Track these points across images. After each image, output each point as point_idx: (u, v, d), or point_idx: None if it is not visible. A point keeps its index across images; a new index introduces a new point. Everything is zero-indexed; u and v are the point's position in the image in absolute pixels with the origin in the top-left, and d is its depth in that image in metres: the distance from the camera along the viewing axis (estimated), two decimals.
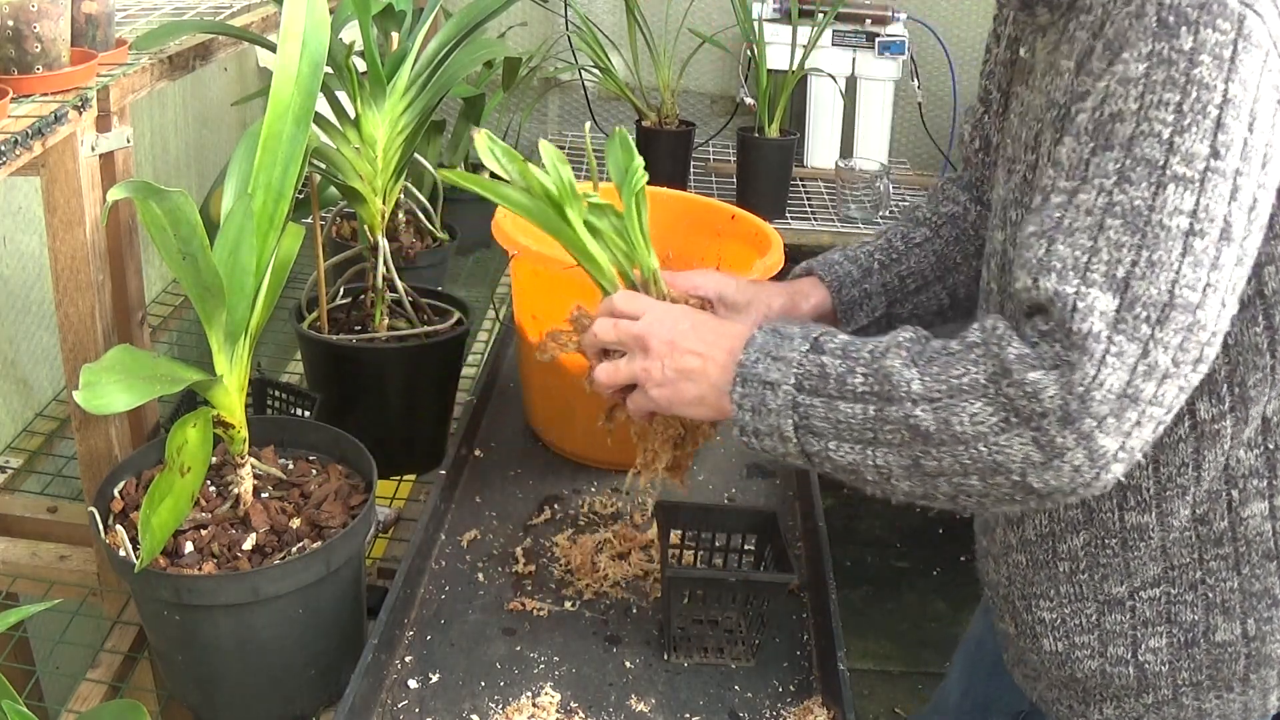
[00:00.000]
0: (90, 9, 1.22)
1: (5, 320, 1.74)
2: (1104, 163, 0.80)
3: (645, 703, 1.06)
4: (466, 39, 1.48)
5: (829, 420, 0.88)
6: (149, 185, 0.94)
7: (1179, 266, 0.77)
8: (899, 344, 0.88)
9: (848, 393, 0.87)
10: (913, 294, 1.20)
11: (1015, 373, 0.80)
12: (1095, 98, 0.82)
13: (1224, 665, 0.99)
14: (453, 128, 2.34)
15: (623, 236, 1.06)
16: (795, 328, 0.94)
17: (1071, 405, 0.78)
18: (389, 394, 1.50)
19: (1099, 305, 0.78)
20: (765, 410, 0.91)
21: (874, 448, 0.87)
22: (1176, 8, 0.78)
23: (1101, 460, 0.79)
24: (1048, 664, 1.05)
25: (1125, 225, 0.78)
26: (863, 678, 2.56)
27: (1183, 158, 0.78)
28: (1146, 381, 0.78)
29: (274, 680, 1.12)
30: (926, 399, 0.83)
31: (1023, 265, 0.83)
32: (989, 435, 0.81)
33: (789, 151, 2.48)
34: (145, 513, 0.99)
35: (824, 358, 0.89)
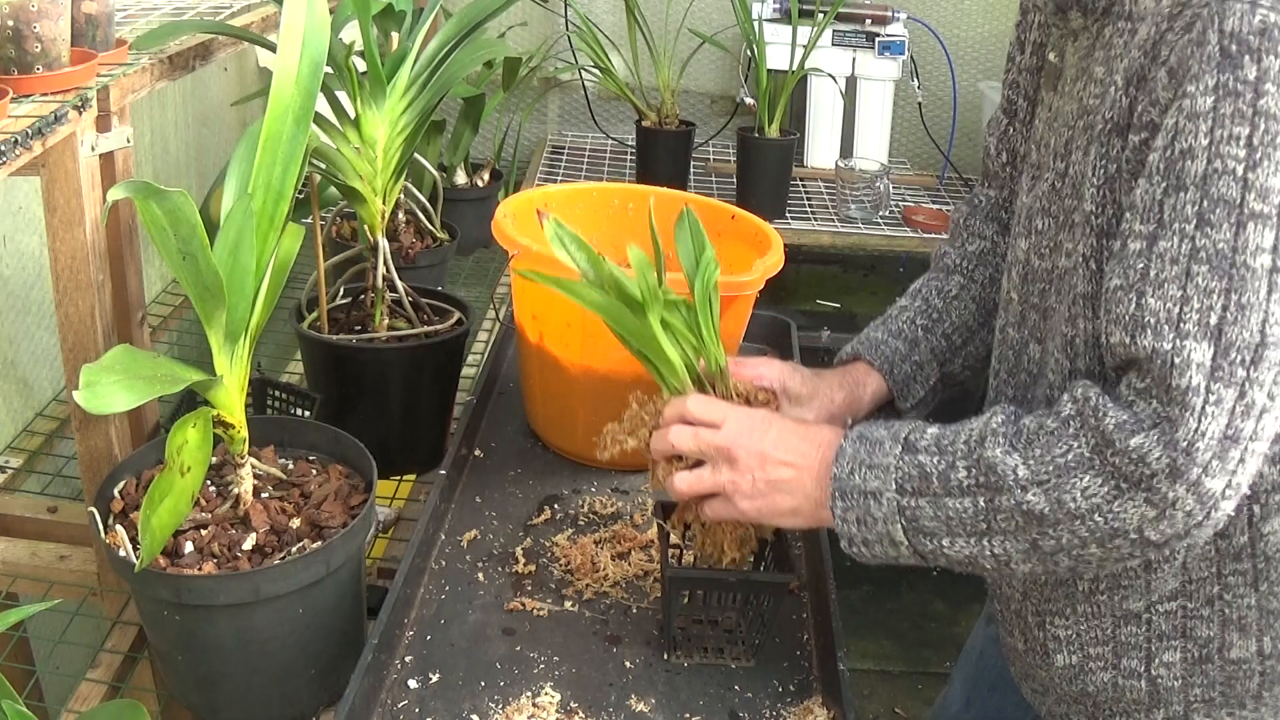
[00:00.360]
0: (90, 9, 1.22)
1: (5, 320, 1.74)
2: (1180, 205, 0.80)
3: (645, 703, 1.06)
4: (466, 39, 1.48)
5: (938, 519, 0.90)
6: (149, 185, 0.94)
7: (1268, 305, 0.78)
8: (994, 431, 0.89)
9: (953, 489, 0.89)
10: (960, 348, 1.20)
11: (1118, 441, 0.82)
12: (1165, 135, 0.82)
13: (1237, 682, 0.98)
14: (453, 128, 2.34)
15: (693, 331, 1.05)
16: (882, 430, 0.95)
17: (1179, 460, 0.80)
18: (389, 394, 1.50)
19: (1195, 357, 0.79)
20: (871, 520, 0.92)
21: (989, 537, 0.88)
22: (1238, 35, 0.78)
23: (1210, 501, 0.81)
24: (1058, 679, 1.04)
25: (1212, 270, 0.79)
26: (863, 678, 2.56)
27: (1258, 194, 0.78)
28: (1245, 420, 0.79)
29: (274, 680, 1.12)
30: (1035, 482, 0.85)
31: (1115, 321, 0.83)
32: (1104, 505, 0.83)
33: (789, 151, 2.48)
34: (145, 513, 0.99)
35: (920, 457, 0.91)
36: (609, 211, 1.58)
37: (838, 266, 2.87)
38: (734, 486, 0.99)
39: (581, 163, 2.84)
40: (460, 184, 2.37)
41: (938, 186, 2.79)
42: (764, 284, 1.33)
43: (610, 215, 1.58)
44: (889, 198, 2.53)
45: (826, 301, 2.72)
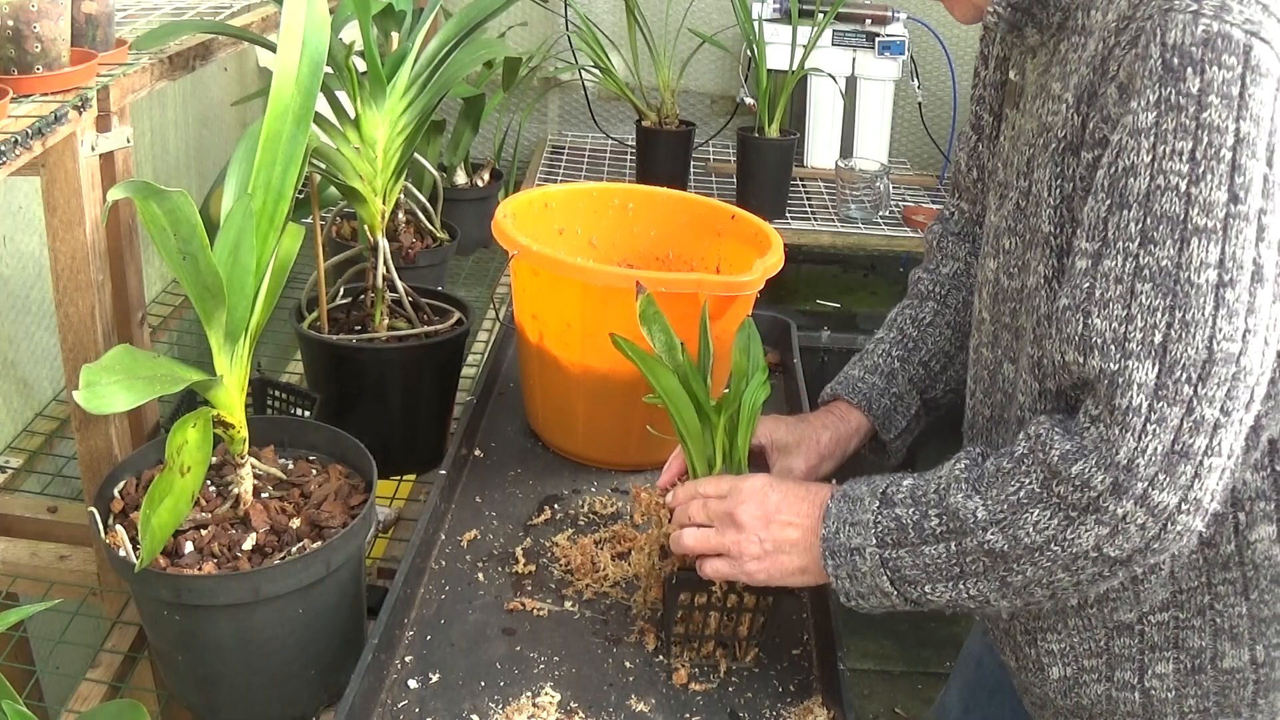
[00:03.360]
0: (90, 9, 1.22)
1: (5, 320, 1.74)
2: (1124, 223, 0.80)
3: (645, 703, 1.06)
4: (466, 39, 1.48)
5: (918, 567, 0.92)
6: (149, 185, 0.94)
7: (1214, 321, 0.78)
8: (956, 477, 0.91)
9: (928, 537, 0.91)
10: (940, 374, 1.22)
11: (1063, 471, 0.83)
12: (1110, 152, 0.82)
13: (1231, 692, 0.97)
14: (453, 128, 2.34)
15: (729, 436, 1.10)
16: (863, 487, 0.97)
17: (1121, 478, 0.80)
18: (389, 394, 1.50)
19: (1138, 377, 0.79)
20: (860, 575, 0.95)
21: (963, 580, 0.91)
22: (1180, 48, 0.77)
23: (1165, 515, 0.81)
24: (1053, 693, 1.04)
25: (1155, 289, 0.79)
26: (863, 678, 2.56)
27: (1202, 208, 0.77)
28: (1196, 436, 0.79)
29: (274, 680, 1.12)
30: (994, 522, 0.87)
31: (1066, 341, 0.84)
32: (1057, 535, 0.84)
33: (789, 151, 2.48)
34: (145, 513, 0.99)
35: (897, 510, 0.93)
36: (609, 211, 1.58)
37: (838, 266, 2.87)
38: (739, 548, 1.02)
39: (581, 163, 2.84)
40: (460, 184, 2.37)
41: (938, 186, 2.79)
42: (764, 284, 1.33)
43: (610, 215, 1.58)
44: (889, 198, 2.52)
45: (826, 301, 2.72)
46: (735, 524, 1.02)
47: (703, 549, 1.04)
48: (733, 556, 1.02)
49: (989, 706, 1.31)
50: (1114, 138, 0.82)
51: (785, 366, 1.72)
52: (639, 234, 1.58)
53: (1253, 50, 0.76)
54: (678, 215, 1.57)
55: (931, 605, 0.94)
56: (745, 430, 1.10)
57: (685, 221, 1.56)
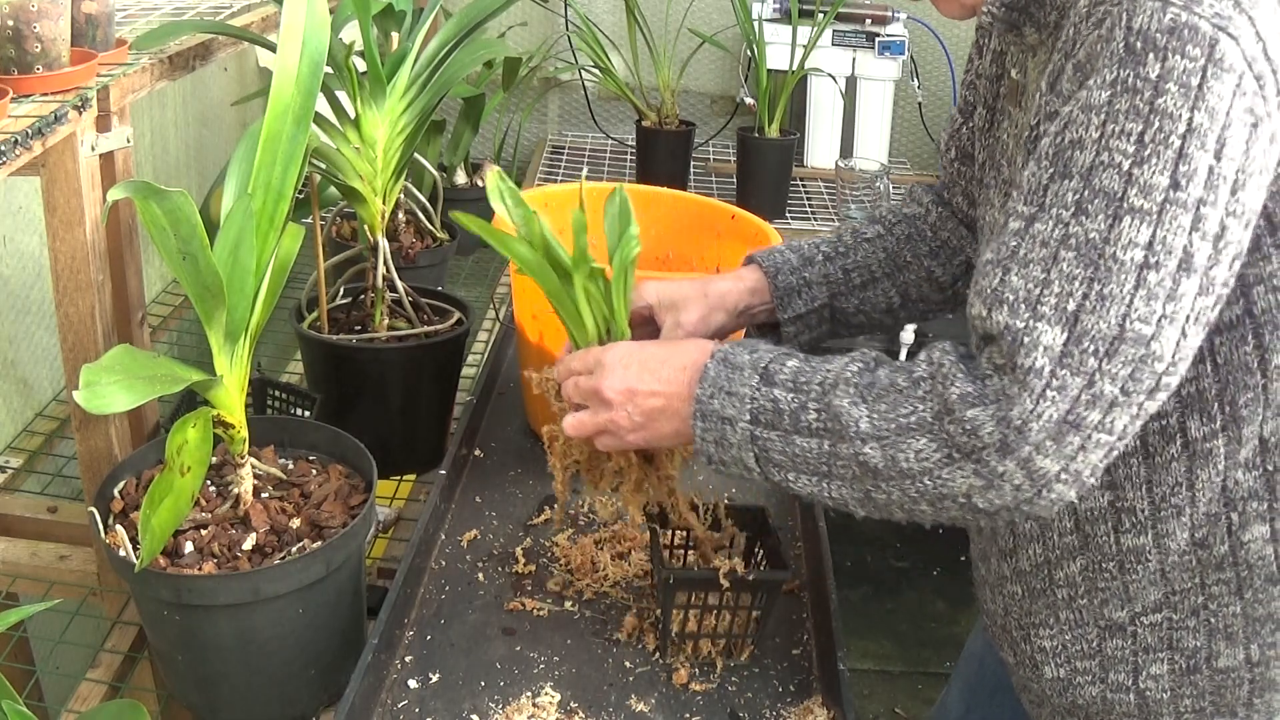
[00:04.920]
0: (90, 9, 1.22)
1: (5, 320, 1.74)
2: (1062, 191, 0.80)
3: (645, 703, 1.06)
4: (466, 39, 1.48)
5: (786, 454, 0.91)
6: (149, 185, 0.94)
7: (1131, 300, 0.78)
8: (847, 379, 0.90)
9: (802, 428, 0.90)
10: (859, 288, 1.21)
11: (956, 411, 0.82)
12: (1059, 122, 0.82)
13: (1227, 691, 0.97)
14: (453, 128, 2.34)
15: (607, 303, 1.08)
16: (745, 355, 0.96)
17: (1010, 437, 0.80)
18: (389, 394, 1.50)
19: (1044, 340, 0.79)
20: (727, 444, 0.94)
21: (828, 480, 0.90)
22: (1145, 33, 0.77)
23: (1042, 481, 0.81)
24: (1049, 691, 1.04)
25: (1078, 258, 0.79)
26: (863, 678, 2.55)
27: (1141, 189, 0.77)
28: (1091, 410, 0.79)
29: (274, 680, 1.12)
30: (875, 437, 0.86)
31: (978, 293, 0.84)
32: (934, 470, 0.84)
33: (789, 151, 2.48)
34: (145, 513, 0.99)
35: (776, 391, 0.92)
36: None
37: None
38: (614, 424, 1.01)
39: (581, 163, 2.84)
40: (460, 184, 2.37)
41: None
42: None
43: None
44: (889, 198, 2.52)
45: None
46: (603, 401, 1.01)
47: (582, 434, 1.04)
48: (611, 433, 1.02)
49: (990, 706, 1.31)
50: (1064, 109, 0.82)
51: None
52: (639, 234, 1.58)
53: (1218, 44, 0.76)
54: (678, 215, 1.57)
55: (790, 491, 0.94)
56: (619, 293, 1.07)
57: (685, 221, 1.56)
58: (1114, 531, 0.95)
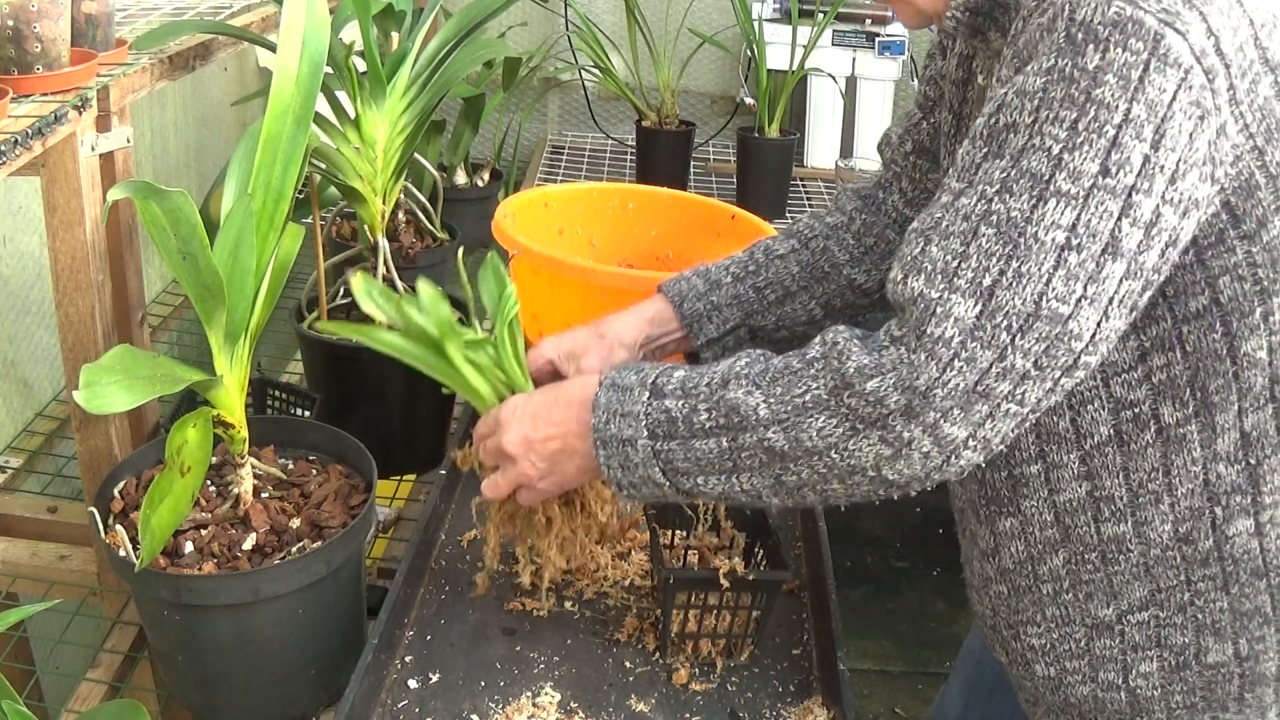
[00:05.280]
0: (90, 9, 1.22)
1: (5, 320, 1.74)
2: (991, 170, 0.81)
3: (645, 703, 1.06)
4: (466, 39, 1.48)
5: (689, 459, 0.92)
6: (149, 185, 0.94)
7: (1049, 279, 0.78)
8: (737, 374, 0.91)
9: (698, 430, 0.91)
10: (774, 305, 1.21)
11: (856, 384, 0.83)
12: (994, 104, 0.82)
13: (1217, 687, 0.97)
14: (453, 128, 2.34)
15: (500, 367, 1.09)
16: (632, 376, 0.97)
17: (914, 402, 0.80)
18: (389, 394, 1.50)
19: (956, 311, 0.80)
20: (632, 465, 0.95)
21: (737, 474, 0.91)
22: (1087, 25, 0.78)
23: (950, 447, 0.82)
24: (1042, 690, 1.04)
25: (998, 235, 0.79)
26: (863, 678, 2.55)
27: (1069, 174, 0.78)
28: (1001, 381, 0.80)
29: (274, 680, 1.12)
30: (775, 421, 0.87)
31: (899, 259, 0.84)
32: (839, 444, 0.84)
33: (789, 151, 2.48)
34: (145, 513, 0.99)
35: (666, 402, 0.93)
36: (609, 211, 1.58)
37: None
38: (523, 477, 1.02)
39: (581, 163, 2.84)
40: (460, 184, 2.37)
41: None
42: None
43: (610, 215, 1.58)
44: None
45: None
46: (507, 456, 1.02)
47: (498, 494, 1.05)
48: (525, 486, 1.03)
49: (989, 704, 1.31)
50: (999, 91, 0.82)
51: None
52: (639, 234, 1.59)
53: (1164, 39, 0.76)
54: (678, 215, 1.57)
55: (702, 496, 0.94)
56: (508, 355, 1.08)
57: (685, 221, 1.57)
58: (1094, 521, 0.95)
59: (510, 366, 1.08)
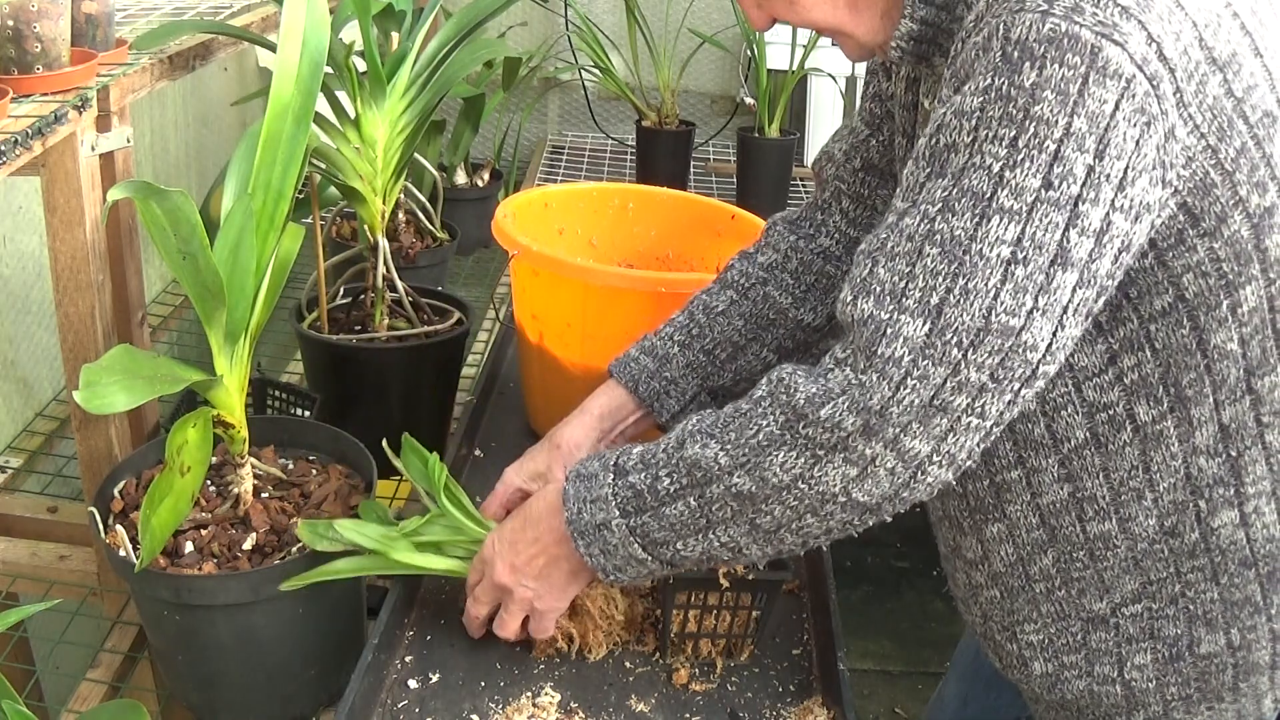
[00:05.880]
0: (90, 9, 1.22)
1: (5, 320, 1.74)
2: (933, 189, 0.81)
3: (645, 703, 1.06)
4: (466, 39, 1.48)
5: (664, 528, 0.93)
6: (149, 185, 0.94)
7: (997, 294, 0.79)
8: (691, 432, 0.92)
9: (664, 497, 0.92)
10: (727, 362, 1.21)
11: (809, 414, 0.83)
12: (933, 124, 0.83)
13: (1211, 677, 0.98)
14: (453, 128, 2.34)
15: (457, 531, 1.11)
16: (595, 463, 0.98)
17: (871, 421, 0.81)
18: (389, 394, 1.50)
19: (906, 331, 0.80)
20: (611, 548, 0.96)
21: (712, 530, 0.91)
22: (1022, 43, 0.78)
23: (914, 462, 0.82)
24: (1039, 689, 1.05)
25: (943, 254, 0.80)
26: (863, 678, 2.55)
27: (1011, 191, 0.78)
28: (958, 395, 0.80)
29: (274, 680, 1.12)
30: (737, 465, 0.88)
31: (849, 281, 0.85)
32: (804, 474, 0.85)
33: (789, 151, 2.48)
34: (145, 513, 0.99)
35: (630, 478, 0.95)
36: (609, 211, 1.58)
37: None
38: (522, 603, 1.05)
39: (581, 163, 2.84)
40: (460, 184, 2.38)
41: None
42: None
43: (610, 215, 1.58)
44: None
45: None
46: (503, 590, 1.04)
47: (512, 632, 1.07)
48: (531, 613, 1.05)
49: (986, 698, 1.32)
50: (938, 111, 0.83)
51: None
52: (639, 234, 1.59)
53: (1101, 51, 0.76)
54: (678, 215, 1.57)
55: (685, 562, 0.95)
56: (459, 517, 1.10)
57: (685, 221, 1.56)
58: (1079, 521, 0.96)
59: (465, 525, 1.11)
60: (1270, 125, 0.84)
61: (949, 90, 0.83)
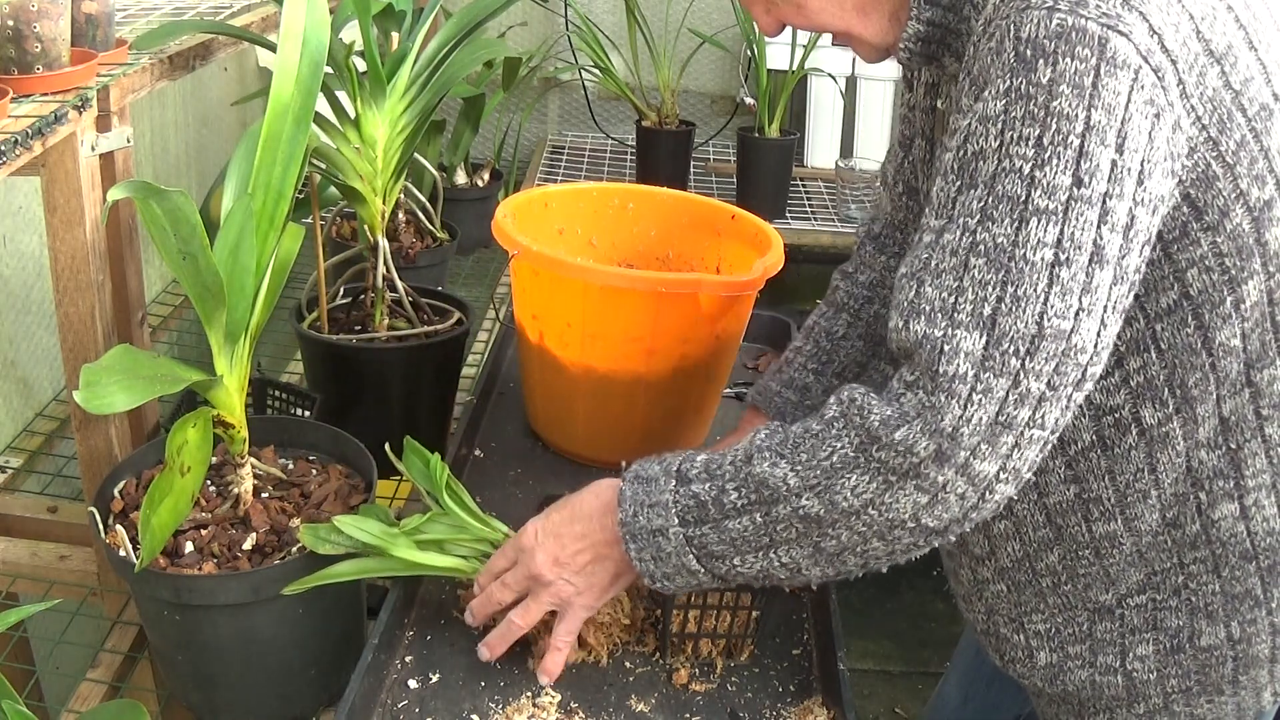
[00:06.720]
0: (90, 9, 1.22)
1: (5, 320, 1.74)
2: (968, 201, 0.81)
3: (645, 703, 1.06)
4: (466, 39, 1.48)
5: (724, 541, 0.92)
6: (149, 185, 0.94)
7: (1046, 298, 0.79)
8: (759, 447, 0.91)
9: (729, 511, 0.91)
10: (854, 379, 1.23)
11: (884, 437, 0.82)
12: (959, 136, 0.83)
13: (1211, 670, 0.98)
14: (453, 128, 2.34)
15: (460, 529, 1.10)
16: (656, 467, 0.97)
17: (944, 445, 0.80)
18: (389, 394, 1.50)
19: (965, 345, 0.80)
20: (665, 555, 0.94)
21: (774, 549, 0.90)
22: (1033, 40, 0.78)
23: (984, 484, 0.82)
24: (1041, 682, 1.05)
25: (989, 264, 0.80)
26: (863, 678, 2.55)
27: (1044, 191, 0.78)
28: (1020, 408, 0.80)
29: (274, 680, 1.12)
30: (806, 487, 0.86)
31: (895, 307, 0.84)
32: (875, 500, 0.84)
33: (789, 151, 2.48)
34: (145, 513, 0.99)
35: (694, 487, 0.93)
36: (609, 211, 1.58)
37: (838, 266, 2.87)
38: (558, 598, 1.02)
39: (581, 163, 2.84)
40: (460, 184, 2.37)
41: None
42: (764, 284, 1.33)
43: (610, 215, 1.58)
44: None
45: None
46: (538, 580, 1.02)
47: (532, 621, 1.04)
48: (561, 608, 1.03)
49: (987, 695, 1.32)
50: (963, 123, 0.83)
51: None
52: (639, 234, 1.58)
53: (1109, 42, 0.77)
54: (678, 215, 1.57)
55: (740, 578, 0.93)
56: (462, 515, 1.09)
57: (685, 221, 1.56)
58: (1085, 521, 0.96)
59: (468, 524, 1.10)
60: (1267, 118, 0.85)
61: (969, 100, 0.83)
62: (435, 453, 1.14)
